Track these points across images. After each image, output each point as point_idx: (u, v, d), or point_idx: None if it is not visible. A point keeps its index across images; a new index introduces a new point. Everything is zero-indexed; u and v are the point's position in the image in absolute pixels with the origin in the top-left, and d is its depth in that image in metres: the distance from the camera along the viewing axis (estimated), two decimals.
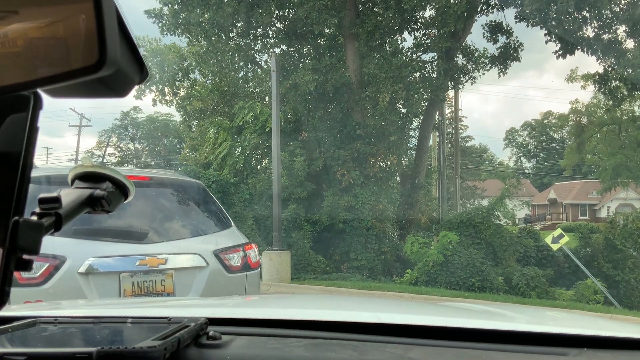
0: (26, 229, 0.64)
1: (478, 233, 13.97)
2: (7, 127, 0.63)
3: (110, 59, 0.52)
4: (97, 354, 0.81)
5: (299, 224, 15.43)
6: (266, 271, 12.07)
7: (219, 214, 4.75)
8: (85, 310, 1.68)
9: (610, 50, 14.93)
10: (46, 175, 3.90)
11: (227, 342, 1.04)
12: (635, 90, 16.82)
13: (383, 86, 15.08)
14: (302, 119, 16.83)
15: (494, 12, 16.64)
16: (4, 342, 0.98)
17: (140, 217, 4.13)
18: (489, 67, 17.39)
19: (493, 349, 1.02)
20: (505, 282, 13.18)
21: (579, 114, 31.15)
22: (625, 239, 14.94)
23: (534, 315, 1.71)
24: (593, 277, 13.12)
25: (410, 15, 16.43)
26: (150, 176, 4.51)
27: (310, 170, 16.17)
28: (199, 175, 14.25)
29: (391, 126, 15.89)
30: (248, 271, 4.39)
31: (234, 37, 17.72)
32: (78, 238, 3.67)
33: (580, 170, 44.83)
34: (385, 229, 15.71)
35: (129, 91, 0.62)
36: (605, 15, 14.47)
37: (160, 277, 3.85)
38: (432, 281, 13.15)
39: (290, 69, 16.76)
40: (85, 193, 0.85)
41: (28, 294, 3.30)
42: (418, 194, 17.85)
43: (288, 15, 17.30)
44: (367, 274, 14.83)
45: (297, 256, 14.48)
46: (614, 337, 1.11)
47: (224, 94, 19.68)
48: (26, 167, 0.63)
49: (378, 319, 1.16)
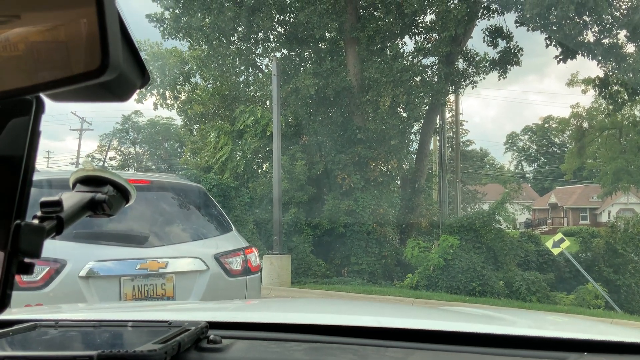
0: (28, 232, 0.64)
1: (479, 237, 13.95)
2: (10, 131, 0.63)
3: (113, 63, 0.52)
4: (98, 357, 0.81)
5: (300, 228, 15.41)
6: (267, 275, 12.05)
7: (219, 218, 4.75)
8: (86, 313, 1.67)
9: (610, 54, 14.95)
10: (47, 179, 3.89)
11: (227, 346, 1.04)
12: (635, 95, 16.84)
13: (384, 90, 15.09)
14: (303, 123, 16.84)
15: (495, 16, 16.71)
16: (5, 346, 0.98)
17: (141, 221, 4.13)
18: (489, 72, 17.42)
19: (494, 353, 1.02)
20: (506, 287, 13.15)
21: (580, 119, 31.18)
22: (626, 244, 14.92)
23: (534, 320, 1.71)
24: (594, 282, 13.09)
25: (411, 20, 16.46)
26: (151, 180, 4.52)
27: (311, 174, 16.17)
28: (200, 179, 14.25)
29: (392, 130, 15.90)
30: (248, 275, 4.39)
31: (235, 42, 17.76)
32: (79, 242, 3.67)
33: (581, 175, 44.86)
34: (385, 233, 15.68)
35: (131, 95, 0.62)
36: (606, 20, 14.49)
37: (160, 281, 3.85)
38: (432, 285, 13.12)
39: (291, 73, 16.79)
40: (87, 197, 0.85)
41: (29, 298, 3.30)
42: (419, 198, 17.84)
43: (289, 19, 17.35)
44: (367, 278, 14.79)
45: (298, 260, 14.46)
46: (615, 342, 1.11)
47: (224, 98, 19.71)
48: (28, 171, 0.63)
49: (379, 323, 1.16)
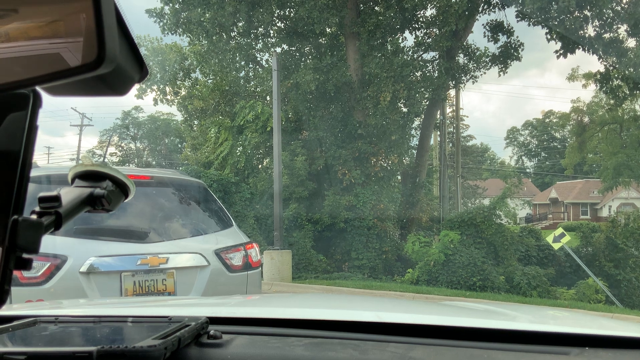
0: (26, 227, 0.63)
1: (479, 232, 13.96)
2: (7, 125, 0.62)
3: (109, 56, 0.51)
4: (98, 353, 0.81)
5: (300, 223, 15.42)
6: (267, 270, 12.07)
7: (220, 213, 4.75)
8: (86, 309, 1.67)
9: (611, 49, 14.91)
10: (46, 174, 3.88)
11: (227, 342, 1.03)
12: (636, 89, 16.80)
13: (384, 85, 15.06)
14: (303, 118, 16.82)
15: (495, 11, 16.66)
16: (5, 341, 0.98)
17: (142, 217, 4.13)
18: (489, 67, 17.39)
19: (494, 348, 1.02)
20: (506, 282, 13.17)
21: (581, 113, 31.12)
22: (626, 238, 14.93)
23: (535, 314, 1.70)
24: (594, 277, 13.11)
25: (412, 15, 16.41)
26: (151, 176, 4.51)
27: (312, 169, 16.17)
28: (200, 175, 14.26)
29: (392, 125, 15.88)
30: (249, 270, 4.39)
31: (235, 37, 17.72)
32: (79, 237, 3.67)
33: (582, 170, 44.83)
34: (386, 228, 15.70)
35: (129, 89, 0.62)
36: (607, 14, 14.45)
37: (161, 277, 3.85)
38: (433, 280, 13.15)
39: (291, 68, 16.76)
40: (86, 192, 0.84)
41: (29, 294, 3.30)
42: (419, 193, 17.85)
43: (289, 14, 17.30)
44: (368, 273, 14.82)
45: (298, 255, 14.48)
46: (616, 337, 1.11)
47: (225, 93, 19.69)
48: (25, 166, 0.62)
49: (379, 318, 1.16)
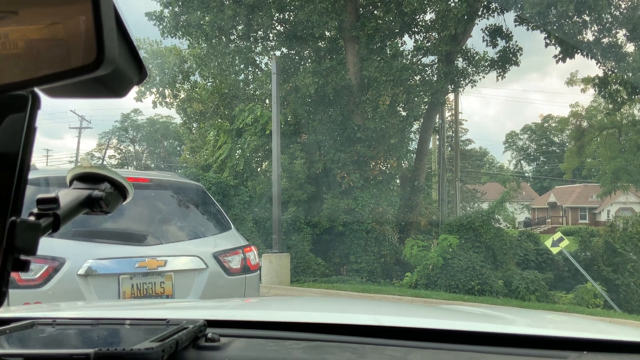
0: (23, 229, 0.63)
1: (478, 236, 13.95)
2: (5, 127, 0.62)
3: (108, 57, 0.51)
4: (95, 355, 0.81)
5: (299, 227, 15.41)
6: (266, 274, 12.05)
7: (218, 216, 4.74)
8: (84, 311, 1.67)
9: (610, 53, 14.95)
10: (45, 176, 3.88)
11: (225, 344, 1.03)
12: (635, 94, 16.83)
13: (383, 89, 15.08)
14: (302, 122, 16.84)
15: (494, 15, 16.69)
16: (2, 343, 0.98)
17: (140, 219, 4.13)
18: (488, 71, 17.42)
19: (493, 352, 1.02)
20: (505, 286, 13.16)
21: (579, 118, 31.21)
22: (625, 243, 14.94)
23: (533, 318, 1.70)
24: (593, 281, 13.10)
25: (411, 19, 16.45)
26: (150, 178, 4.51)
27: (310, 172, 16.17)
28: (199, 178, 14.24)
29: (391, 129, 15.89)
30: (247, 274, 4.38)
31: (234, 40, 17.74)
32: (77, 240, 3.66)
33: (580, 174, 44.87)
34: (385, 231, 15.69)
35: (128, 91, 0.62)
36: (605, 19, 14.48)
37: (159, 279, 3.84)
38: (431, 284, 13.13)
39: (290, 71, 16.78)
40: (84, 194, 0.84)
41: (27, 296, 3.29)
42: (418, 197, 17.85)
43: (288, 18, 17.33)
44: (366, 276, 14.80)
45: (297, 259, 14.47)
46: (614, 341, 1.11)
47: (224, 96, 19.71)
48: (24, 167, 0.62)
49: (377, 322, 1.16)
